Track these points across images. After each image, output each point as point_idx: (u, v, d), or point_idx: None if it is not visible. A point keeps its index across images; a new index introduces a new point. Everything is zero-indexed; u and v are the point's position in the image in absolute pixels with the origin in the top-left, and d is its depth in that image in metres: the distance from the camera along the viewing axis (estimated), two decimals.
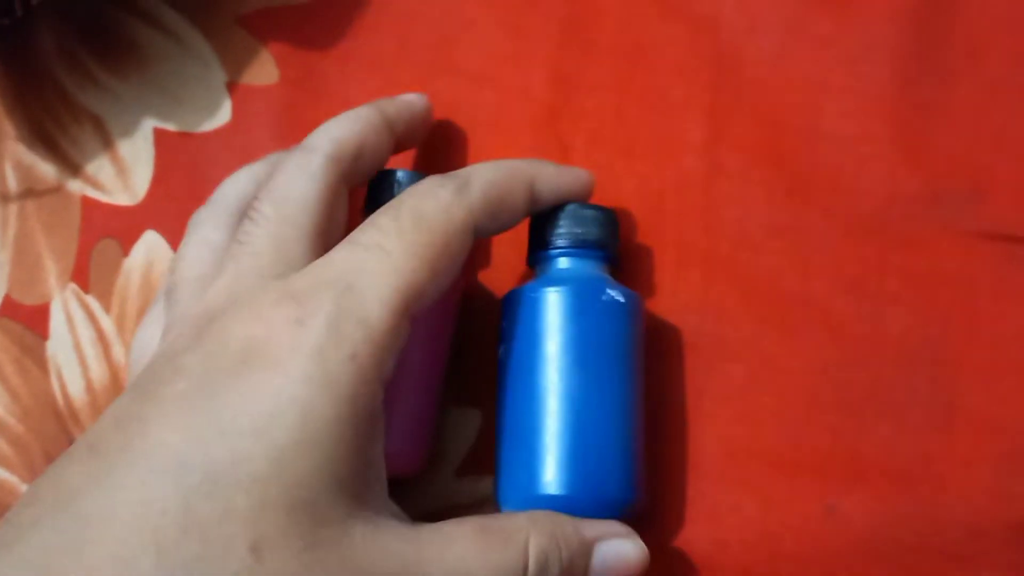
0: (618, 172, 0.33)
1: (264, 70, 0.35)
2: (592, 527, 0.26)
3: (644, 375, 0.29)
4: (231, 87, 0.35)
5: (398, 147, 0.30)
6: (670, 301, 0.32)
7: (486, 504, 0.31)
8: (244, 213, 0.27)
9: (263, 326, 0.23)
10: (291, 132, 0.34)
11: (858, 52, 0.33)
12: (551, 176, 0.29)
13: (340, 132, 0.28)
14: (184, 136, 0.35)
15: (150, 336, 0.27)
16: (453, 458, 0.31)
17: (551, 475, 0.27)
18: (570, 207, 0.29)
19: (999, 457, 0.30)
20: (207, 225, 0.28)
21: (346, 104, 0.30)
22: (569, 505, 0.26)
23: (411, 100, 0.31)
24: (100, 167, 0.35)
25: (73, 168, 0.35)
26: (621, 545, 0.26)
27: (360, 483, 0.23)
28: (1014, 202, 0.31)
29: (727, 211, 0.32)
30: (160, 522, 0.21)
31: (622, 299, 0.28)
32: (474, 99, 0.34)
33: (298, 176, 0.27)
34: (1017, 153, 0.32)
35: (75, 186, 0.35)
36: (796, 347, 0.31)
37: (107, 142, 0.35)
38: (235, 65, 0.35)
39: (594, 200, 0.31)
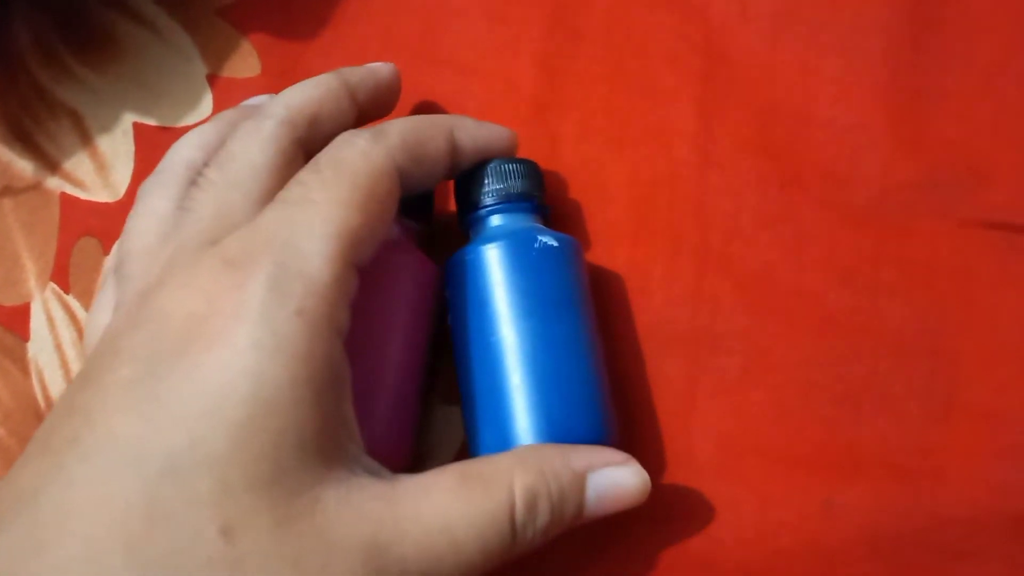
0: (608, 163, 0.33)
1: (246, 62, 0.34)
2: (582, 455, 0.25)
3: (594, 314, 0.29)
4: (212, 80, 0.34)
5: (364, 115, 0.30)
6: (662, 293, 0.31)
7: None
8: (192, 180, 0.26)
9: (202, 298, 0.23)
10: None
11: (851, 38, 0.33)
12: (471, 127, 0.29)
13: (296, 98, 0.27)
14: (164, 130, 0.34)
15: (101, 317, 0.26)
16: (441, 456, 0.31)
17: (521, 426, 0.26)
18: (491, 164, 0.29)
19: (999, 450, 0.29)
20: (154, 194, 0.26)
21: None
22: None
23: (375, 67, 0.30)
24: (79, 163, 0.34)
25: (51, 165, 0.34)
26: (616, 473, 0.26)
27: (329, 443, 0.22)
28: (1011, 189, 0.31)
29: (719, 202, 0.32)
30: (125, 516, 0.20)
31: (555, 243, 0.28)
32: (461, 90, 0.34)
33: (248, 141, 0.26)
34: (1013, 139, 0.31)
35: (53, 183, 0.34)
36: (791, 339, 0.31)
37: (85, 137, 0.34)
38: (216, 57, 0.34)
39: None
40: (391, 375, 0.28)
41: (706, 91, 0.33)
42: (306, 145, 0.27)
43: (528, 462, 0.24)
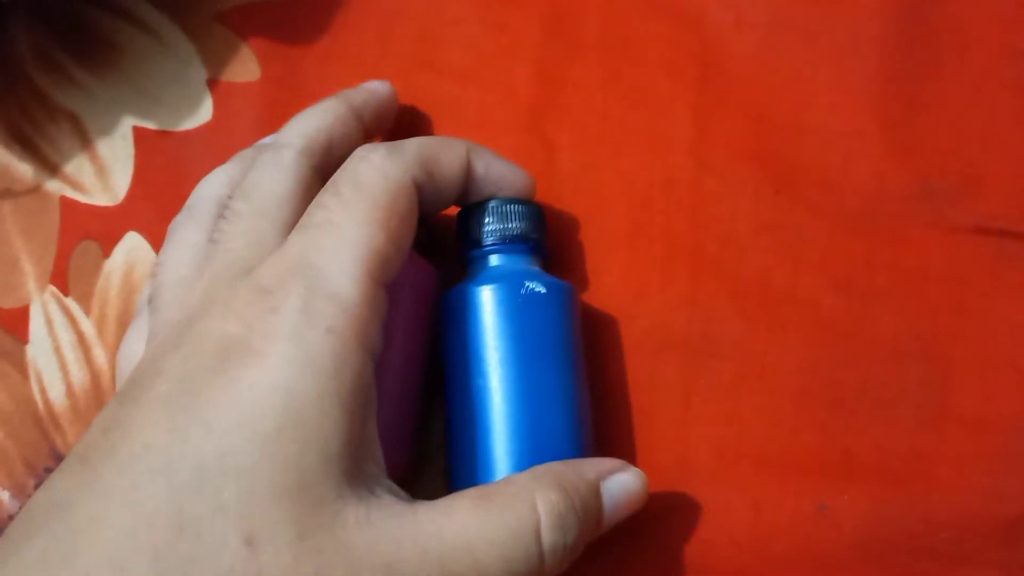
0: (604, 170, 0.33)
1: (245, 67, 0.34)
2: (591, 466, 0.26)
3: (584, 360, 0.29)
4: (212, 84, 0.34)
5: (368, 135, 0.30)
6: (657, 300, 0.32)
7: None
8: (220, 213, 0.27)
9: (238, 322, 0.23)
10: (274, 129, 0.33)
11: (844, 46, 0.33)
12: (487, 156, 0.29)
13: (309, 126, 0.28)
14: (164, 135, 0.34)
15: (134, 347, 0.26)
16: (441, 459, 0.31)
17: (500, 472, 0.26)
18: (492, 203, 0.29)
19: (991, 455, 0.29)
20: (186, 228, 0.27)
21: None
22: None
23: (375, 88, 0.31)
24: (79, 167, 0.34)
25: (51, 168, 0.34)
26: (624, 478, 0.26)
27: (352, 461, 0.23)
28: (1003, 196, 0.31)
29: (714, 209, 0.32)
30: (153, 523, 0.20)
31: (543, 289, 0.28)
32: (457, 97, 0.34)
33: (270, 172, 0.27)
34: (1005, 146, 0.31)
35: (53, 186, 0.34)
36: (785, 345, 0.31)
37: (85, 141, 0.34)
38: (216, 62, 0.35)
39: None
40: (391, 377, 0.28)
41: (701, 99, 0.33)
42: (322, 170, 0.28)
43: (545, 479, 0.24)
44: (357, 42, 0.35)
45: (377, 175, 0.25)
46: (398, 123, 0.33)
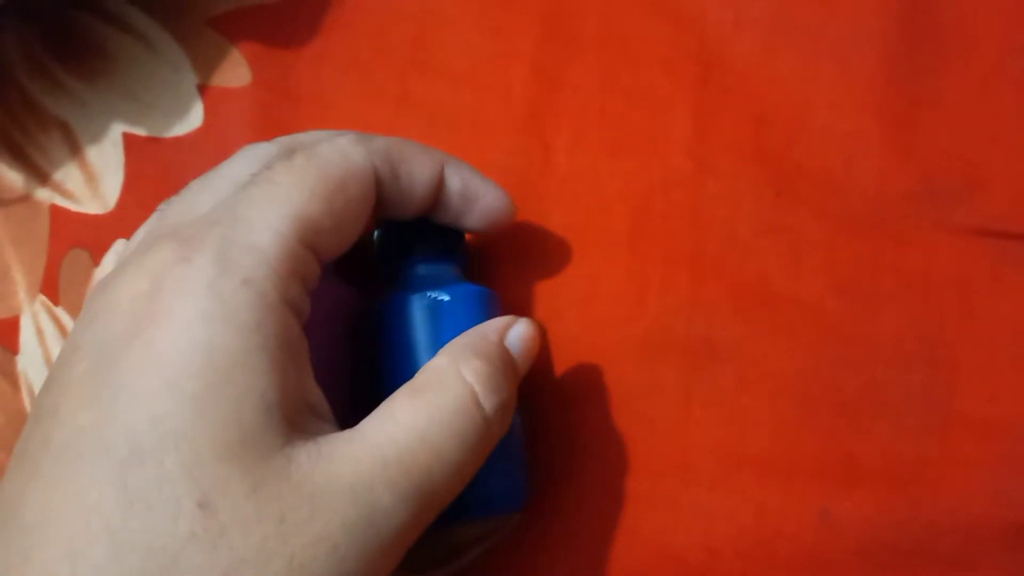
0: (603, 172, 0.32)
1: (236, 72, 0.34)
2: (491, 328, 0.26)
3: None
4: (202, 89, 0.34)
5: None
6: (657, 303, 0.31)
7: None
8: None
9: (148, 279, 0.22)
10: (265, 134, 0.32)
11: (846, 45, 0.32)
12: (465, 170, 0.28)
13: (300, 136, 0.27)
14: (154, 141, 0.34)
15: None
16: None
17: None
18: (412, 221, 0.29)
19: (996, 459, 0.29)
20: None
21: (321, 104, 0.29)
22: (451, 512, 0.26)
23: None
24: (68, 175, 0.34)
25: (41, 176, 0.34)
26: (519, 328, 0.26)
27: (293, 411, 0.22)
28: (1007, 198, 0.31)
29: (715, 210, 0.32)
30: (101, 506, 0.20)
31: (447, 297, 0.28)
32: (453, 99, 0.33)
33: (238, 159, 0.26)
34: (1010, 147, 0.31)
35: (43, 195, 0.34)
36: (788, 349, 0.31)
37: (75, 149, 0.34)
38: (206, 67, 0.34)
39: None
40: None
41: (701, 99, 0.33)
42: None
43: (461, 353, 0.24)
44: (350, 44, 0.34)
45: (337, 154, 0.24)
46: (391, 127, 0.33)
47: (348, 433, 0.22)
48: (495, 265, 0.32)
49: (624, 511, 0.30)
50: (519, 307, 0.32)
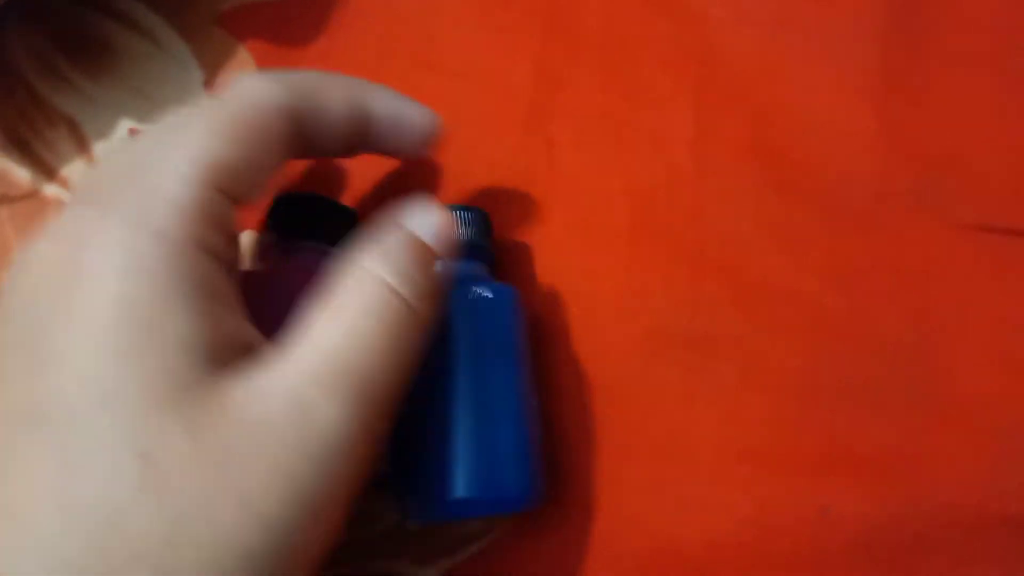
0: (606, 169, 0.33)
1: (242, 69, 0.34)
2: (393, 221, 0.25)
3: (528, 364, 0.29)
4: (208, 86, 0.34)
5: None
6: (658, 299, 0.31)
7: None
8: None
9: (66, 242, 0.22)
10: None
11: (845, 43, 0.33)
12: (387, 96, 0.27)
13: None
14: None
15: None
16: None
17: (451, 477, 0.26)
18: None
19: (995, 453, 0.29)
20: None
21: None
22: (469, 507, 0.26)
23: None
24: (76, 170, 0.34)
25: (48, 172, 0.34)
26: (423, 216, 0.25)
27: (224, 351, 0.22)
28: (1004, 193, 0.31)
29: (716, 207, 0.32)
30: (43, 477, 0.20)
31: (490, 294, 0.28)
32: (457, 97, 0.34)
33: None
34: (1007, 144, 0.31)
35: (51, 190, 0.34)
36: (788, 345, 0.31)
37: (82, 145, 0.34)
38: (213, 64, 0.34)
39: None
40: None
41: (702, 97, 0.33)
42: None
43: (366, 251, 0.24)
44: (355, 42, 0.34)
45: (246, 93, 0.24)
46: None
47: (274, 357, 0.22)
48: (498, 263, 0.32)
49: (625, 505, 0.30)
50: (522, 304, 0.32)
